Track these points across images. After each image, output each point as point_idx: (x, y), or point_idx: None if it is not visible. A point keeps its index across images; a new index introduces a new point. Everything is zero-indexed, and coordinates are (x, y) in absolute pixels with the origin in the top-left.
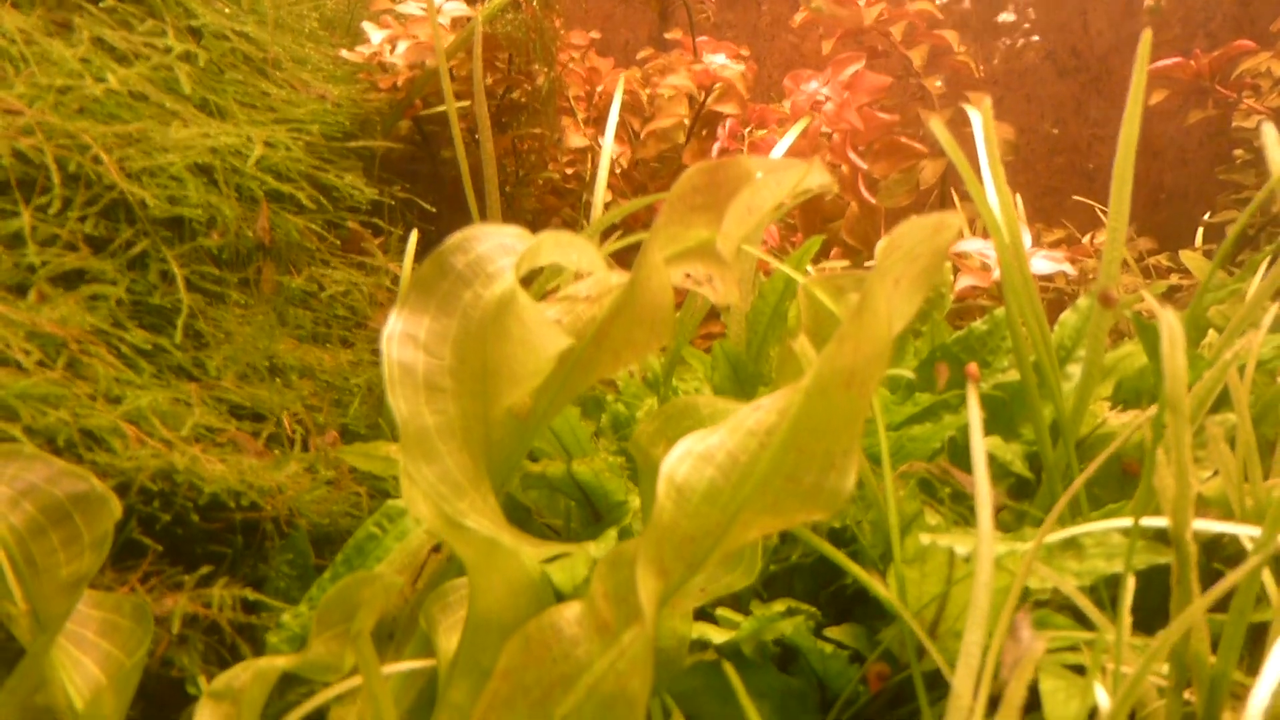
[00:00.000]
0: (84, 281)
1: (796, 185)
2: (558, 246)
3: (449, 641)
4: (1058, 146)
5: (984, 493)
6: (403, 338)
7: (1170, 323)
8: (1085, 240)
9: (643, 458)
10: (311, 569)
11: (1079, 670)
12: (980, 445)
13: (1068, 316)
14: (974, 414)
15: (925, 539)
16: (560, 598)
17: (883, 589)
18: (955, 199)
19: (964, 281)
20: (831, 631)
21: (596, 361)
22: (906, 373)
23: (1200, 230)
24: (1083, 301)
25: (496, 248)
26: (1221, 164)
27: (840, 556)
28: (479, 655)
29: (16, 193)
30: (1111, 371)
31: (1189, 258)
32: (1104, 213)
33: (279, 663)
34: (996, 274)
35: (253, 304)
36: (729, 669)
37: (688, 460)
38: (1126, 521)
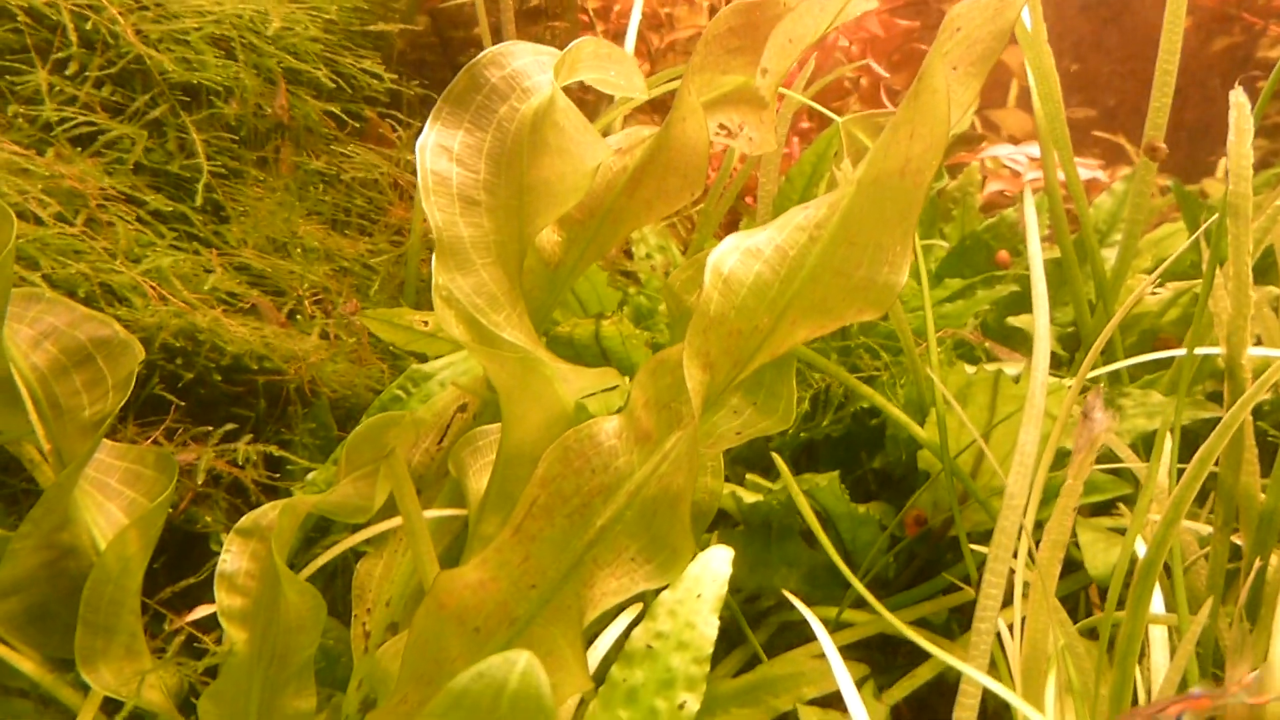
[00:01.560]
0: (102, 146)
1: (840, 11)
2: (597, 58)
3: (479, 483)
4: (1077, 83)
5: (1043, 316)
6: (436, 149)
7: (1239, 103)
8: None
9: (675, 304)
10: (334, 439)
11: (1122, 533)
12: (1041, 271)
13: (1103, 200)
14: (1034, 237)
15: (969, 369)
16: None
17: (920, 431)
18: (977, 125)
19: (992, 187)
20: (860, 507)
21: (628, 212)
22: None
23: (1222, 164)
24: (1118, 185)
25: (533, 64)
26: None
27: (876, 395)
28: (511, 489)
29: (33, 53)
30: (1150, 251)
31: (1213, 187)
32: (1127, 147)
33: (309, 499)
34: (1028, 177)
35: (271, 182)
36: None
37: (735, 254)
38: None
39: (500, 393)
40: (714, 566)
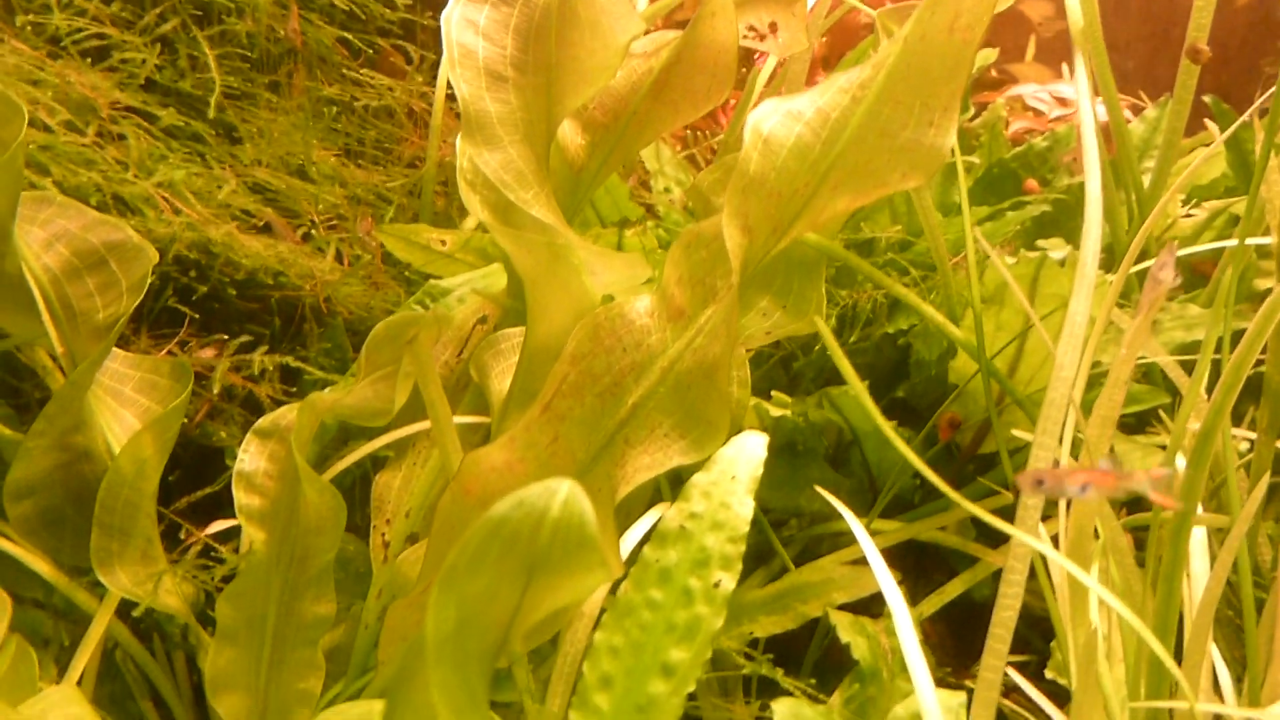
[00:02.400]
0: (113, 62)
1: None
2: None
3: (501, 384)
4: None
5: (1095, 184)
6: (462, 22)
7: None
8: None
9: (704, 206)
10: (349, 361)
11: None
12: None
13: (1135, 127)
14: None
15: (1010, 260)
16: None
17: (957, 331)
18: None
19: (1018, 125)
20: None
21: (653, 115)
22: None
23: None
24: (1150, 112)
25: None
26: (1267, 59)
27: (910, 295)
28: (536, 387)
29: None
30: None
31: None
32: (1146, 103)
33: (328, 396)
34: (1054, 114)
35: (284, 105)
36: None
37: (775, 115)
38: None
39: (526, 282)
40: (749, 449)
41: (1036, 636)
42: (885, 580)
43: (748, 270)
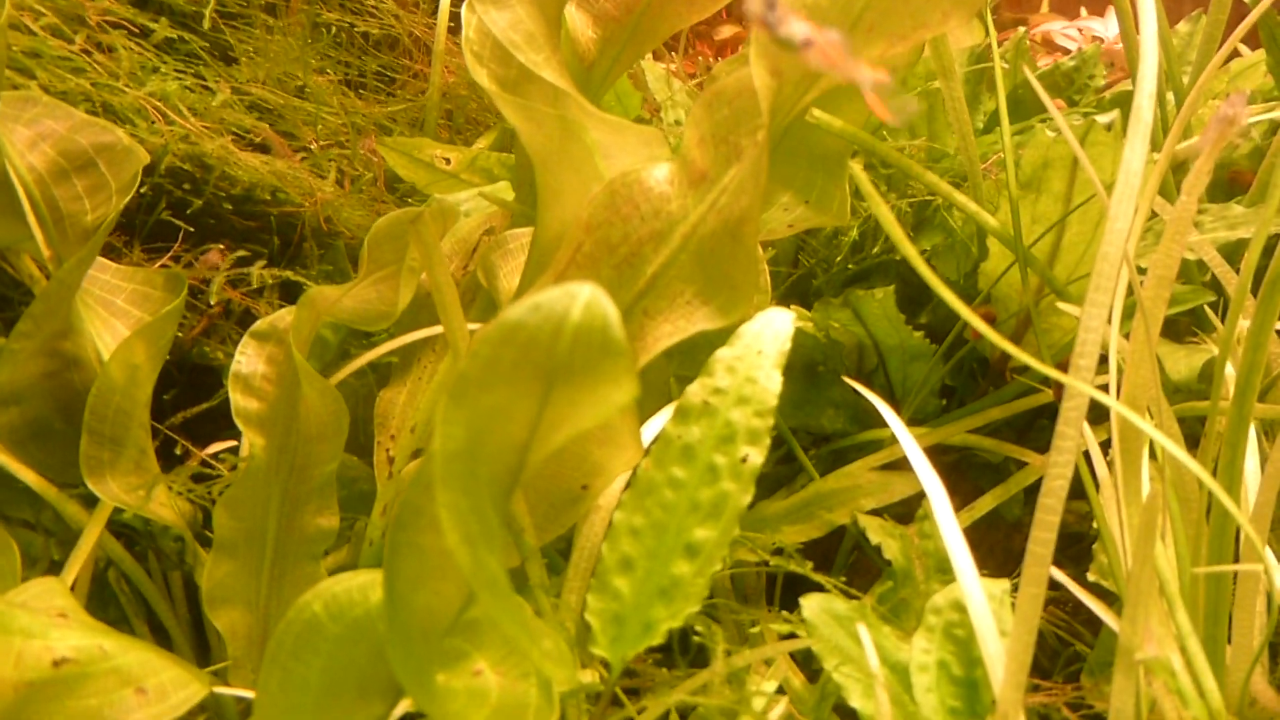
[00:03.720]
0: None
1: None
2: None
3: (510, 284)
4: None
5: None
6: None
7: None
8: None
9: None
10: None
11: None
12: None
13: (1169, 36)
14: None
15: (1050, 134)
16: None
17: (992, 221)
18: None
19: (1043, 63)
20: (915, 334)
21: (669, 8)
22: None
23: None
24: (1183, 26)
25: None
26: None
27: (942, 184)
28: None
29: None
30: (1213, 77)
31: None
32: None
33: (329, 293)
34: (1074, 46)
35: (281, 30)
36: None
37: None
38: None
39: (536, 163)
40: (776, 324)
41: (1067, 558)
42: (923, 469)
43: (776, 120)
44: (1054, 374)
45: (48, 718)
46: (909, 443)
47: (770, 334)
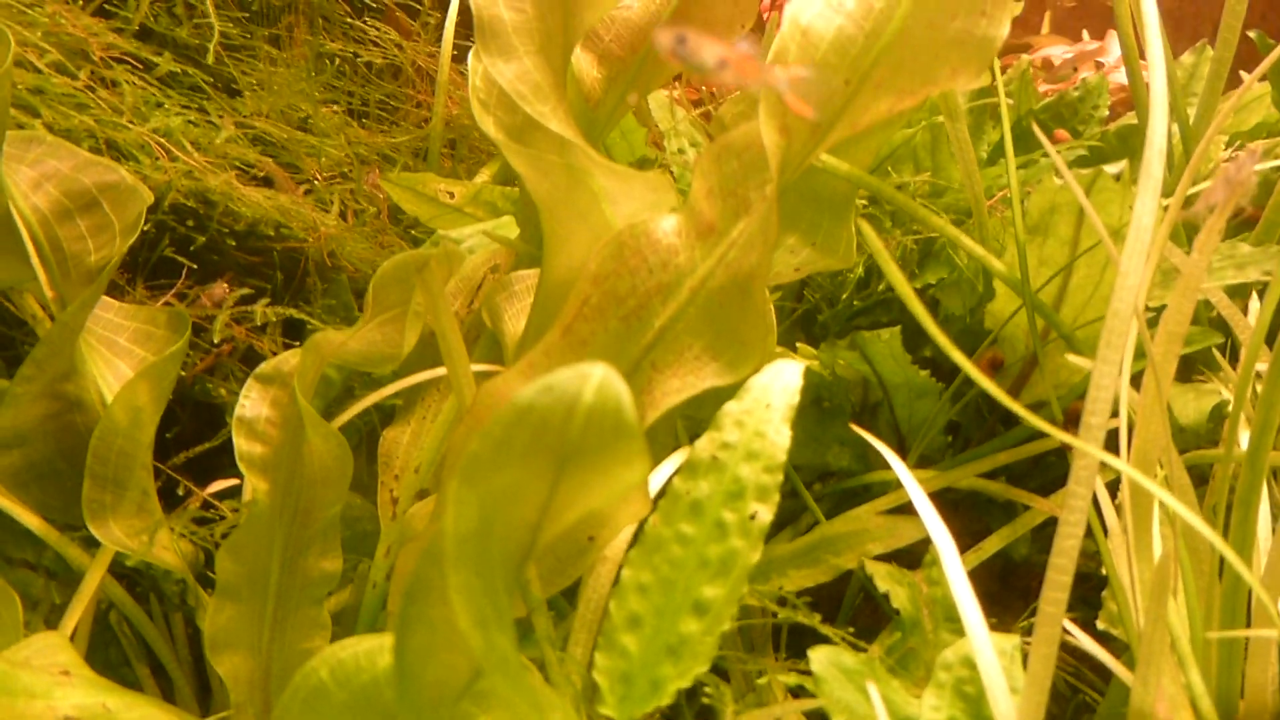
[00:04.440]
0: (103, 4)
1: None
2: None
3: (515, 326)
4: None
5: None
6: None
7: None
8: None
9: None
10: (355, 318)
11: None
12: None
13: (1174, 69)
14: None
15: (1058, 182)
16: None
17: (999, 265)
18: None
19: (1044, 89)
20: (920, 373)
21: None
22: None
23: None
24: (1186, 58)
25: None
26: None
27: (948, 226)
28: (553, 322)
29: None
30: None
31: None
32: None
33: (334, 337)
34: (1083, 75)
35: (284, 59)
36: None
37: (815, 4)
38: None
39: (542, 210)
40: (784, 376)
41: (1075, 599)
42: (930, 519)
43: (784, 176)
44: (1064, 437)
45: None
46: (916, 491)
47: (779, 387)
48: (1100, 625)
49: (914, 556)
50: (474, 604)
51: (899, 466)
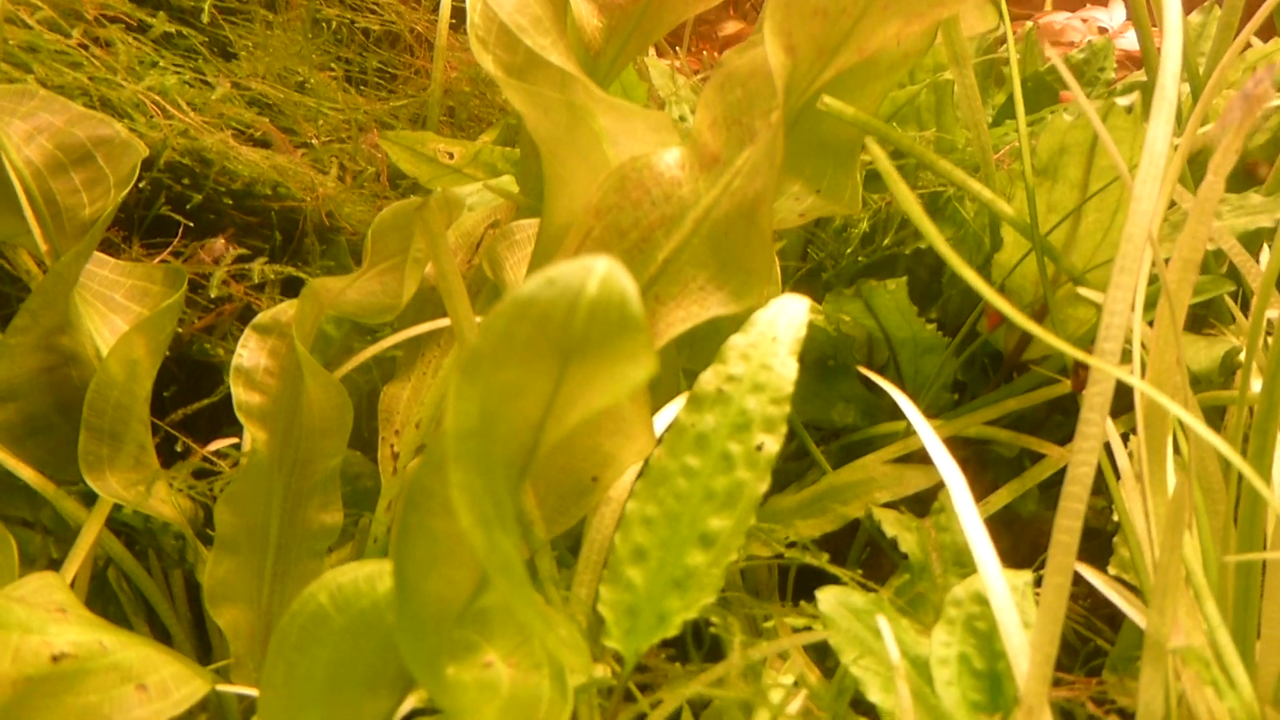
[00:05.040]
0: None
1: None
2: None
3: (517, 274)
4: None
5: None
6: None
7: None
8: None
9: None
10: None
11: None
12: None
13: (1193, 18)
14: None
15: (1068, 117)
16: None
17: (1007, 209)
18: None
19: (1049, 53)
20: (928, 328)
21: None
22: None
23: None
24: (1195, 17)
25: None
26: None
27: (955, 171)
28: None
29: None
30: (1241, 72)
31: None
32: None
33: (332, 285)
34: (1085, 39)
35: (281, 25)
36: None
37: None
38: None
39: (543, 151)
40: (790, 311)
41: (1084, 554)
42: (940, 456)
43: (791, 101)
44: (1079, 355)
45: (46, 714)
46: (926, 431)
47: (785, 321)
48: (1111, 571)
49: (922, 507)
50: (476, 503)
51: (909, 408)
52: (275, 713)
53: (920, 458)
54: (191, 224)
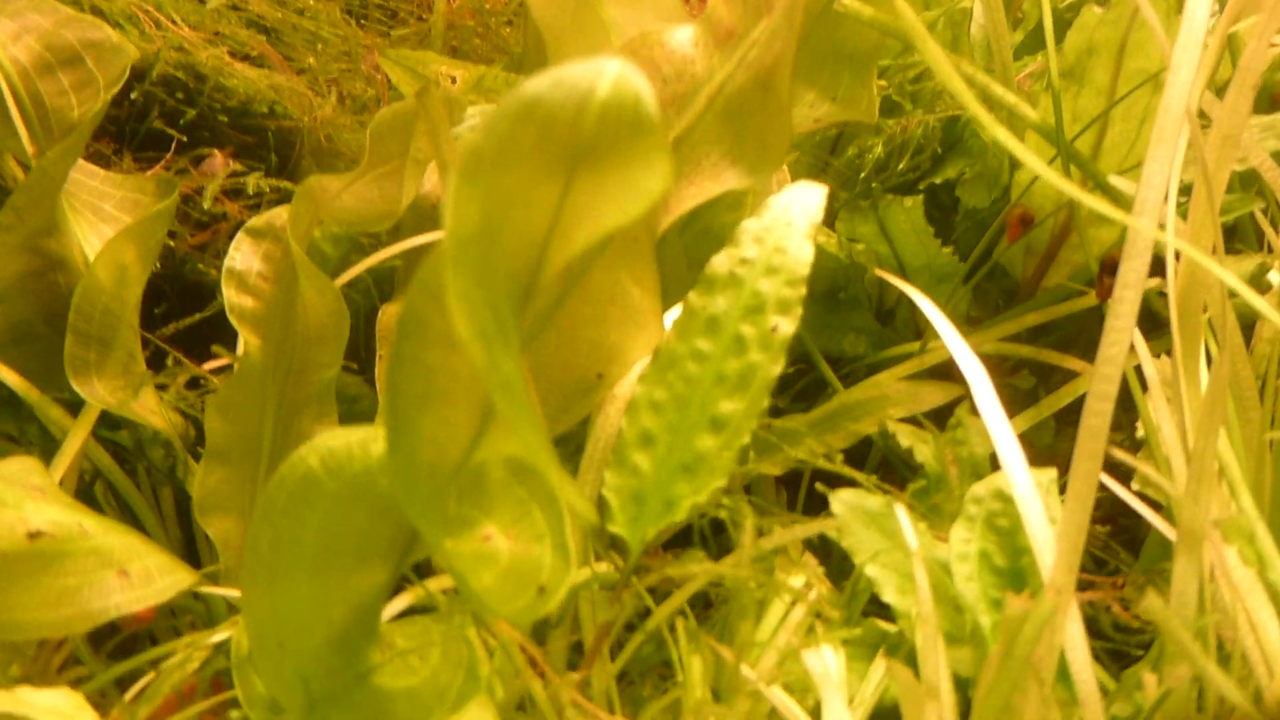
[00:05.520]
0: None
1: None
2: None
3: None
4: None
5: None
6: None
7: None
8: None
9: None
10: None
11: None
12: None
13: None
14: None
15: (1096, 9)
16: None
17: (1031, 112)
18: None
19: None
20: (943, 250)
21: None
22: None
23: None
24: None
25: None
26: None
27: (980, 75)
28: None
29: None
30: None
31: None
32: None
33: (328, 182)
34: None
35: None
36: None
37: None
38: None
39: (548, 38)
40: (806, 196)
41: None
42: (964, 356)
43: None
44: (1118, 215)
45: (22, 594)
46: (948, 331)
47: (800, 206)
48: (1135, 487)
49: (938, 425)
50: (476, 315)
51: (927, 305)
52: (259, 583)
53: (936, 374)
54: (185, 139)
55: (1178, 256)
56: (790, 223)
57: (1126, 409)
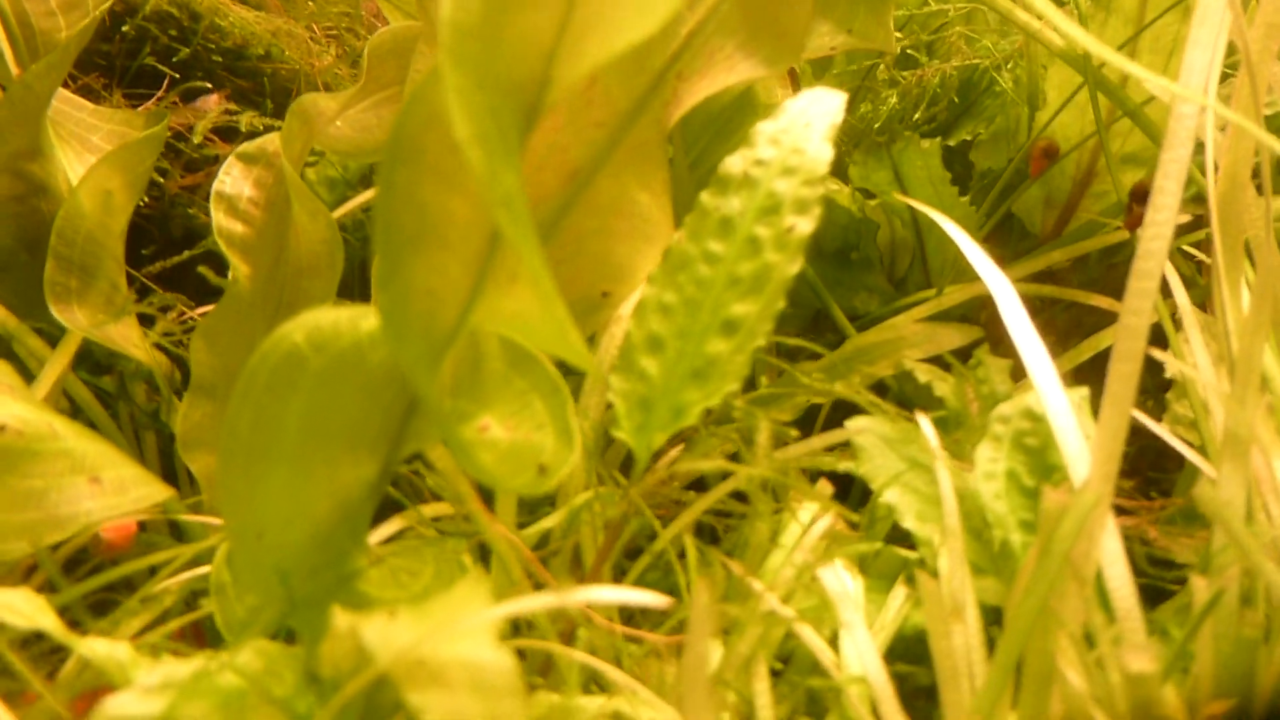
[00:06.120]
0: None
1: None
2: None
3: None
4: None
5: None
6: None
7: None
8: None
9: None
10: None
11: None
12: None
13: None
14: None
15: None
16: None
17: (1057, 39)
18: None
19: None
20: (962, 200)
21: None
22: None
23: None
24: None
25: None
26: None
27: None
28: None
29: None
30: None
31: None
32: None
33: (324, 103)
34: None
35: None
36: None
37: None
38: None
39: None
40: (825, 100)
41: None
42: (991, 275)
43: None
44: (1162, 82)
45: None
46: (973, 251)
47: (818, 110)
48: (1165, 426)
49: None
50: (476, 117)
51: (949, 225)
52: (237, 468)
53: (951, 316)
54: (178, 75)
55: (1217, 168)
56: (809, 124)
57: (1152, 372)
